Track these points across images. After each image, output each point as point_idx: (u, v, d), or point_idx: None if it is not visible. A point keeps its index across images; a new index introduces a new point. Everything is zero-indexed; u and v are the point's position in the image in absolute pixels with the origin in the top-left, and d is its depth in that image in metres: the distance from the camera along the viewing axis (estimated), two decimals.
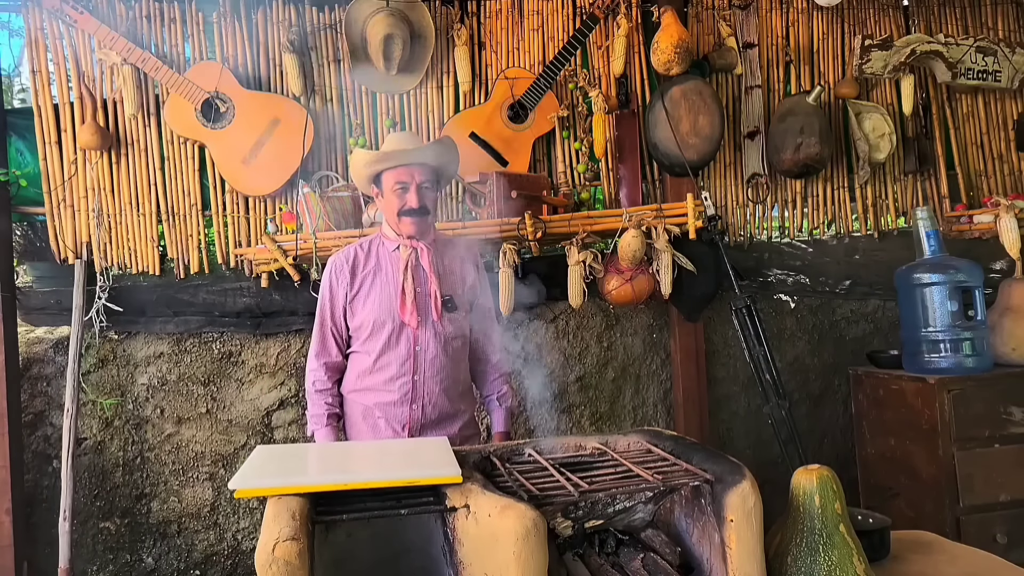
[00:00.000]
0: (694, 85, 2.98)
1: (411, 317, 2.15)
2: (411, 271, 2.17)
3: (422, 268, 2.20)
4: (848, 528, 1.34)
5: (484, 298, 2.36)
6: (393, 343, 2.19)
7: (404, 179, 2.15)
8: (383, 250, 2.27)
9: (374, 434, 2.23)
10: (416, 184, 2.15)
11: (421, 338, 2.19)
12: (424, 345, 2.19)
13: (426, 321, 2.18)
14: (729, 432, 3.46)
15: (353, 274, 2.23)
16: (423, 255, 2.20)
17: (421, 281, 2.20)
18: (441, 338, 2.20)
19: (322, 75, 3.08)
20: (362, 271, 2.24)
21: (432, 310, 2.18)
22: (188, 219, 2.99)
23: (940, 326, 2.89)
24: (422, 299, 2.18)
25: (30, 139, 2.90)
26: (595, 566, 1.38)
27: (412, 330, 2.18)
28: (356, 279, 2.23)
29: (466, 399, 2.34)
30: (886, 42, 3.23)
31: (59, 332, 2.98)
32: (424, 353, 2.19)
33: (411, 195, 2.15)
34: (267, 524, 1.15)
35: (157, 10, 2.96)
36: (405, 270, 2.17)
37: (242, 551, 3.07)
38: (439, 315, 2.18)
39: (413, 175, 2.15)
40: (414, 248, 2.20)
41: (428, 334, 2.19)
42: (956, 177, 3.49)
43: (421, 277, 2.20)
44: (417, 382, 2.20)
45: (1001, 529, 2.80)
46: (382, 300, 2.20)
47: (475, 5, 3.19)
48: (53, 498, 2.84)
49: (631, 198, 3.13)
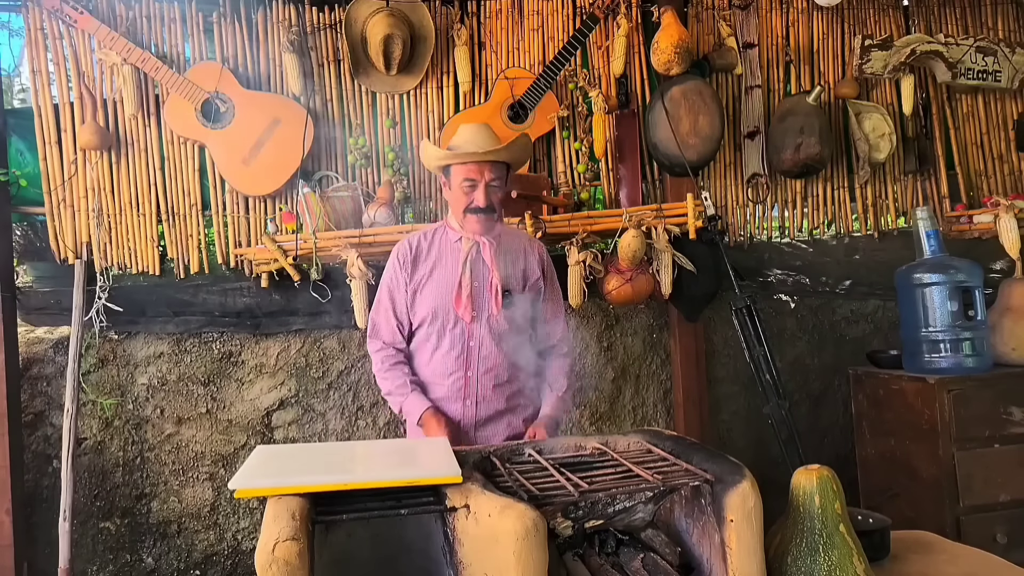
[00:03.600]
0: (694, 85, 2.98)
1: (465, 311, 2.12)
2: (470, 264, 2.14)
3: (483, 261, 2.16)
4: (848, 528, 1.34)
5: (551, 292, 2.30)
6: (446, 336, 2.16)
7: (473, 176, 2.10)
8: (446, 240, 2.23)
9: None
10: (485, 182, 2.09)
11: (475, 333, 2.15)
12: (479, 340, 2.15)
13: (481, 316, 2.14)
14: (729, 432, 3.46)
15: (415, 263, 2.20)
16: (485, 249, 2.15)
17: (480, 275, 2.16)
18: (496, 334, 2.16)
19: (322, 75, 3.08)
20: (424, 261, 2.21)
21: (489, 305, 2.14)
22: (188, 219, 2.99)
23: (940, 326, 2.89)
24: (479, 293, 2.15)
25: (30, 139, 2.90)
26: (595, 566, 1.38)
27: (466, 324, 2.14)
28: (418, 269, 2.20)
29: (525, 396, 2.26)
30: (886, 42, 3.23)
31: (59, 332, 2.98)
32: (478, 348, 2.15)
33: (479, 193, 2.09)
34: (267, 524, 1.15)
35: (157, 10, 2.96)
36: (464, 263, 2.14)
37: (242, 551, 3.07)
38: (498, 310, 2.13)
39: (483, 172, 2.09)
40: (476, 241, 2.16)
41: (483, 329, 2.15)
42: (956, 177, 3.49)
43: (480, 271, 2.16)
44: (470, 378, 2.16)
45: (1001, 529, 2.79)
46: (439, 292, 2.16)
47: (475, 5, 3.19)
48: (53, 498, 2.84)
49: (631, 198, 3.13)
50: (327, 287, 2.91)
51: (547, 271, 2.31)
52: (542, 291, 2.28)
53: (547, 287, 2.30)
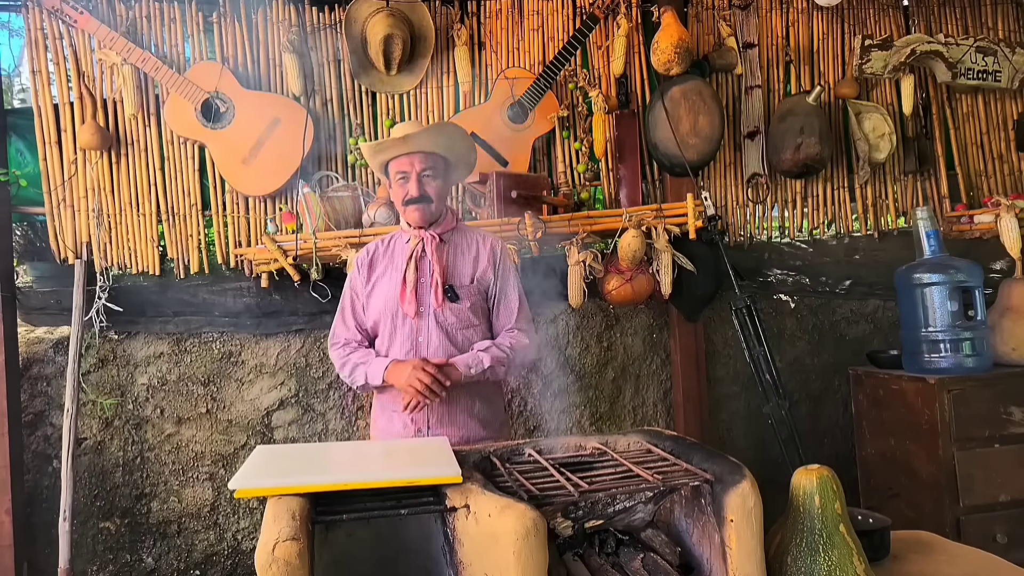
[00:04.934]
0: (694, 85, 2.98)
1: (409, 306, 2.15)
2: (415, 261, 2.18)
3: (427, 257, 2.20)
4: (848, 528, 1.34)
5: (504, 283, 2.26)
6: (397, 333, 2.19)
7: (405, 168, 2.16)
8: (399, 242, 2.28)
9: (389, 429, 2.20)
10: (416, 172, 2.15)
11: (423, 328, 2.18)
12: (427, 336, 2.17)
13: (427, 311, 2.17)
14: (729, 432, 3.45)
15: (371, 268, 2.26)
16: (428, 244, 2.19)
17: (425, 270, 2.19)
18: (443, 328, 2.18)
19: (322, 75, 3.08)
20: (379, 264, 2.26)
21: (432, 299, 2.17)
22: (188, 219, 2.99)
23: (940, 326, 2.89)
24: (424, 288, 2.18)
25: (30, 139, 2.90)
26: (595, 566, 1.38)
27: (412, 319, 2.17)
28: (373, 273, 2.25)
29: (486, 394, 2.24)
30: (886, 42, 3.23)
31: (59, 332, 2.98)
32: (427, 344, 2.17)
33: (411, 183, 2.15)
34: (267, 524, 1.15)
35: (157, 10, 2.96)
36: (409, 259, 2.18)
37: (242, 551, 3.06)
38: (440, 304, 2.16)
39: (413, 163, 2.15)
40: (421, 238, 2.20)
41: (430, 324, 2.17)
42: (956, 177, 3.49)
43: (426, 267, 2.20)
44: None
45: (1001, 529, 2.79)
46: (389, 290, 2.21)
47: (475, 5, 3.19)
48: (53, 498, 2.84)
49: (631, 198, 3.13)
50: (327, 287, 2.91)
51: (498, 264, 2.27)
52: (492, 282, 2.25)
53: (498, 280, 2.26)
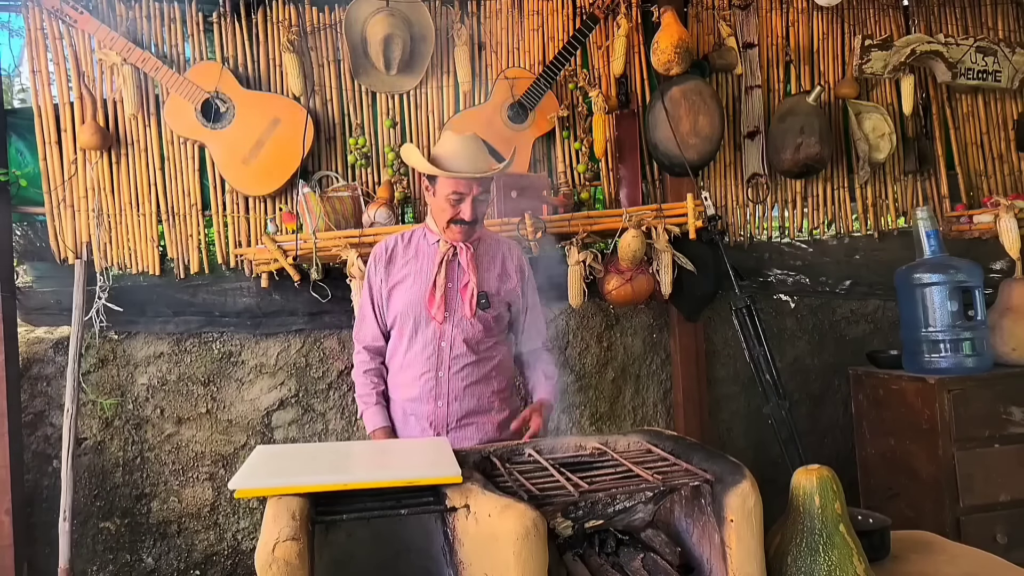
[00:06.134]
0: (694, 85, 2.98)
1: (438, 311, 2.12)
2: (446, 265, 2.15)
3: (459, 264, 2.17)
4: (848, 528, 1.34)
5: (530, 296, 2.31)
6: (418, 337, 2.17)
7: (461, 190, 2.08)
8: (424, 242, 2.24)
9: (405, 431, 2.20)
10: (472, 196, 2.09)
11: (447, 333, 2.16)
12: (450, 341, 2.16)
13: (453, 317, 2.15)
14: (729, 432, 3.46)
15: (391, 263, 2.23)
16: (462, 252, 2.17)
17: (455, 277, 2.17)
18: (468, 336, 2.17)
19: (322, 75, 3.08)
20: (400, 261, 2.23)
21: (463, 306, 2.15)
22: (188, 219, 2.99)
23: (940, 326, 2.89)
24: (453, 294, 2.16)
25: (30, 139, 2.90)
26: (595, 566, 1.38)
27: (437, 324, 2.15)
28: (393, 269, 2.22)
29: (501, 399, 2.26)
30: (886, 42, 3.23)
31: (59, 332, 2.98)
32: (450, 349, 2.16)
33: (466, 206, 2.09)
34: (267, 524, 1.15)
35: (157, 10, 2.96)
36: (440, 264, 2.15)
37: (242, 551, 3.07)
38: (472, 312, 2.14)
39: (472, 187, 2.09)
40: (453, 245, 2.17)
41: (455, 330, 2.16)
42: (956, 177, 3.49)
43: (456, 272, 2.18)
44: (441, 378, 2.16)
45: (1001, 529, 2.80)
46: (413, 291, 2.18)
47: (475, 5, 3.19)
48: (53, 498, 2.84)
49: (631, 198, 3.13)
50: (327, 287, 2.91)
51: (526, 275, 2.31)
52: (520, 296, 2.28)
53: (526, 291, 2.30)
